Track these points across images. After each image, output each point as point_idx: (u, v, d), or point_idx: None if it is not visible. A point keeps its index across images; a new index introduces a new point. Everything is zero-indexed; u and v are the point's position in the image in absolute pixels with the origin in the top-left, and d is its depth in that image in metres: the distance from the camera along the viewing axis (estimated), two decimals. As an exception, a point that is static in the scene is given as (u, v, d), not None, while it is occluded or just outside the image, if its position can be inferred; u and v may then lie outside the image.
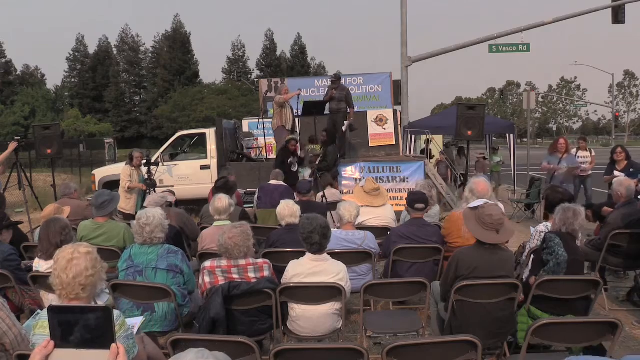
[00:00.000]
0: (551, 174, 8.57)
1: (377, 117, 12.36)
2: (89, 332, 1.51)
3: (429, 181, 7.13)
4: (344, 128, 10.30)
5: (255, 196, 7.43)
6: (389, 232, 5.08)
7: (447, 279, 3.60)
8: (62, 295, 2.49)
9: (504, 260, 3.58)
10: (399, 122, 12.76)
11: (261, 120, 12.23)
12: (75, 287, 2.45)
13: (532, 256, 4.21)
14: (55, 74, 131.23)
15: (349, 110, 10.41)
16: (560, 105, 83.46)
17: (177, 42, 65.84)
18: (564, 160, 8.46)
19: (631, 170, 7.18)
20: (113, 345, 1.51)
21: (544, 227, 4.50)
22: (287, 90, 10.43)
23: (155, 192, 7.98)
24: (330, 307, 3.57)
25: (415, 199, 4.80)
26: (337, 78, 10.68)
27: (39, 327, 2.50)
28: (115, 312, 2.51)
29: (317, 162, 9.24)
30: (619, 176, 6.62)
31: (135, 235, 3.80)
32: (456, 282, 3.48)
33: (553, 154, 8.65)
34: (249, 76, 67.40)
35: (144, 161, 8.92)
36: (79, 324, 1.51)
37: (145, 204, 5.24)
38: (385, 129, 12.30)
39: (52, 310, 1.53)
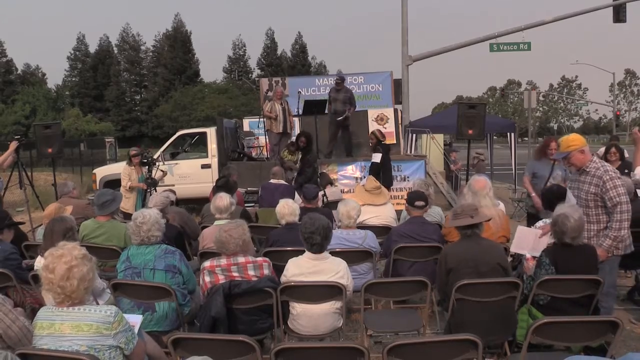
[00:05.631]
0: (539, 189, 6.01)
1: (377, 116, 12.37)
2: None
3: (426, 180, 7.12)
4: (341, 118, 10.41)
5: (258, 195, 7.43)
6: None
7: (441, 275, 3.66)
8: (58, 302, 2.50)
9: (490, 247, 3.65)
10: (399, 121, 12.77)
11: (262, 119, 12.23)
12: (81, 292, 2.46)
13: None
14: (56, 73, 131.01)
15: (350, 109, 10.52)
16: (561, 104, 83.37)
17: (177, 41, 65.79)
18: (557, 168, 6.16)
19: (626, 171, 7.08)
20: None
21: (543, 223, 4.50)
22: (281, 93, 10.48)
23: (156, 191, 7.98)
24: (330, 306, 3.58)
25: (415, 197, 4.85)
26: (342, 80, 10.75)
27: (38, 328, 2.52)
28: (114, 308, 2.53)
29: (295, 175, 8.63)
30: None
31: (132, 236, 3.79)
32: (450, 276, 3.54)
33: (541, 160, 6.58)
34: (250, 75, 67.34)
35: (144, 160, 8.91)
36: None
37: (150, 205, 5.24)
38: (385, 128, 12.29)
39: None
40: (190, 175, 10.73)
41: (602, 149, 8.17)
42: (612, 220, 4.02)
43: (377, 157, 8.78)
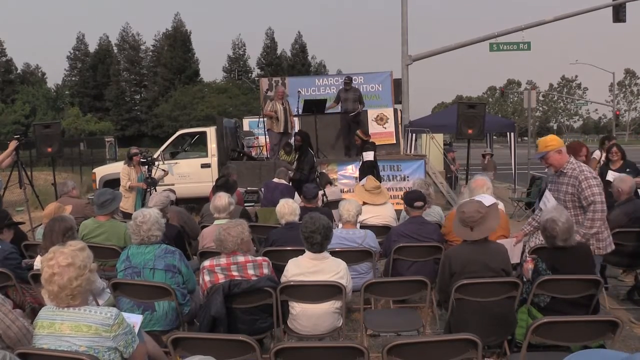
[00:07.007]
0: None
1: (377, 116, 12.36)
2: None
3: (426, 179, 7.13)
4: (353, 114, 10.72)
5: (258, 194, 7.43)
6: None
7: (444, 278, 3.62)
8: (54, 302, 2.49)
9: (494, 252, 3.61)
10: (399, 121, 12.76)
11: (262, 119, 12.22)
12: (64, 298, 2.45)
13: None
14: (55, 73, 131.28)
15: (359, 108, 10.90)
16: (561, 104, 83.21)
17: (177, 40, 65.72)
18: None
19: (627, 170, 7.05)
20: None
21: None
22: (283, 93, 10.54)
23: (155, 190, 7.98)
24: (330, 306, 3.57)
25: (413, 198, 4.84)
26: (350, 80, 11.12)
27: (38, 327, 2.52)
28: (114, 311, 2.53)
29: (291, 174, 8.22)
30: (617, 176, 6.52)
31: (132, 235, 3.79)
32: (453, 279, 3.50)
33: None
34: (250, 75, 67.32)
35: (144, 160, 8.89)
36: None
37: (150, 204, 5.24)
38: (385, 127, 12.30)
39: None
40: (190, 174, 10.73)
41: (597, 152, 8.16)
42: (585, 218, 4.09)
43: (369, 155, 8.81)
